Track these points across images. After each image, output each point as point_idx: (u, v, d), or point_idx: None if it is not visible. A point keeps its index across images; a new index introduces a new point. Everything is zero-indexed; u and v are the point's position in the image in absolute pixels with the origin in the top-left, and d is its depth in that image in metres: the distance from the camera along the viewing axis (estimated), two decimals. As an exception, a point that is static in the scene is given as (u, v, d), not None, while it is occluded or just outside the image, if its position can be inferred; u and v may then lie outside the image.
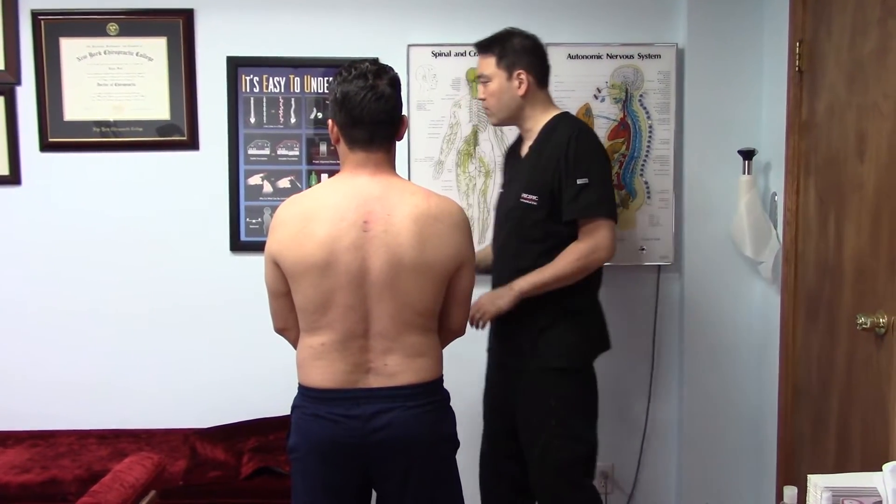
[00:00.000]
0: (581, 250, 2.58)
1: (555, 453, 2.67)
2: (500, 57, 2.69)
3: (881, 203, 2.39)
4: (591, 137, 2.69)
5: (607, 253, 2.60)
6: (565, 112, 2.76)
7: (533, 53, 2.70)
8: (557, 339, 2.65)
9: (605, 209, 2.59)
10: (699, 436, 3.28)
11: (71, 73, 3.20)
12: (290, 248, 2.09)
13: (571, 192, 2.57)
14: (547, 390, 2.66)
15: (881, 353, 2.37)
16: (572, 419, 2.66)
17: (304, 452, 2.15)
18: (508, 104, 2.70)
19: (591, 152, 2.62)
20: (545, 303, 2.63)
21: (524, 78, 2.67)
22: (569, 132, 2.63)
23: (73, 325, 3.28)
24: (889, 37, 2.35)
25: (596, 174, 2.59)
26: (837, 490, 1.96)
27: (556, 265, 2.59)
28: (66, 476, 2.82)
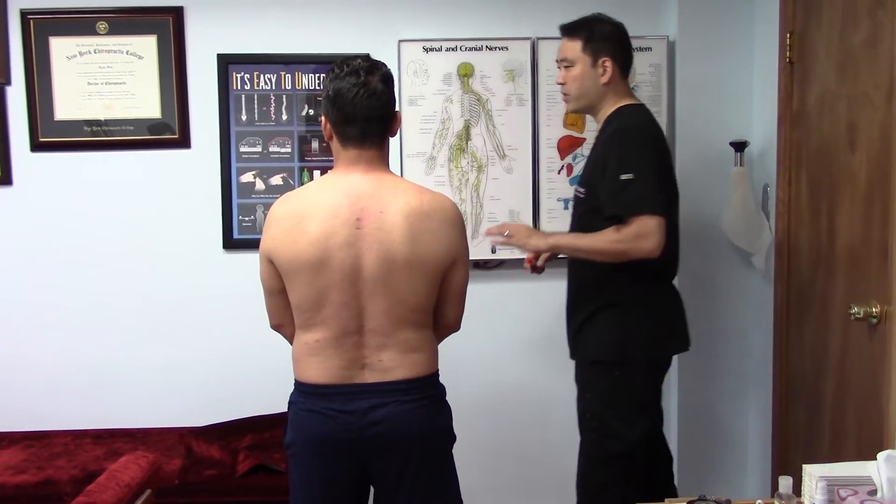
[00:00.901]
0: (625, 233, 2.47)
1: (588, 447, 2.67)
2: (586, 41, 2.62)
3: (873, 193, 2.39)
4: (642, 131, 2.57)
5: (652, 246, 2.46)
6: (630, 104, 2.66)
7: (619, 42, 2.64)
8: (593, 332, 2.63)
9: (651, 205, 2.47)
10: (694, 427, 3.28)
11: (61, 72, 3.19)
12: (283, 246, 2.10)
13: (615, 187, 2.49)
14: (584, 383, 2.68)
15: (874, 342, 2.38)
16: (607, 415, 2.61)
17: (300, 448, 2.16)
18: (589, 91, 2.64)
19: (639, 147, 2.52)
20: (587, 296, 2.64)
21: (609, 66, 2.61)
22: (619, 125, 2.58)
23: (67, 324, 3.27)
24: (879, 27, 2.35)
25: (641, 169, 2.48)
26: (832, 479, 1.97)
27: (596, 237, 2.52)
28: (61, 476, 2.81)
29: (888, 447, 2.23)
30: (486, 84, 3.21)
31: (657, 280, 2.63)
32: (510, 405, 3.37)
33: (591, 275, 2.63)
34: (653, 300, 2.62)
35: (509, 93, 3.22)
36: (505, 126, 3.23)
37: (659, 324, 2.64)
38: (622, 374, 2.59)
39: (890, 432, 2.27)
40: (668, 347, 2.70)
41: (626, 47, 2.68)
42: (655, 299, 2.63)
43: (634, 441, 2.62)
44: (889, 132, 2.28)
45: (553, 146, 3.24)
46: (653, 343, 2.63)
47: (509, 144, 3.23)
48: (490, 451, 3.35)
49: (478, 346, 3.26)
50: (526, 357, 3.35)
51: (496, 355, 3.35)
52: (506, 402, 3.37)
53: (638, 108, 2.66)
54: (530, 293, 3.32)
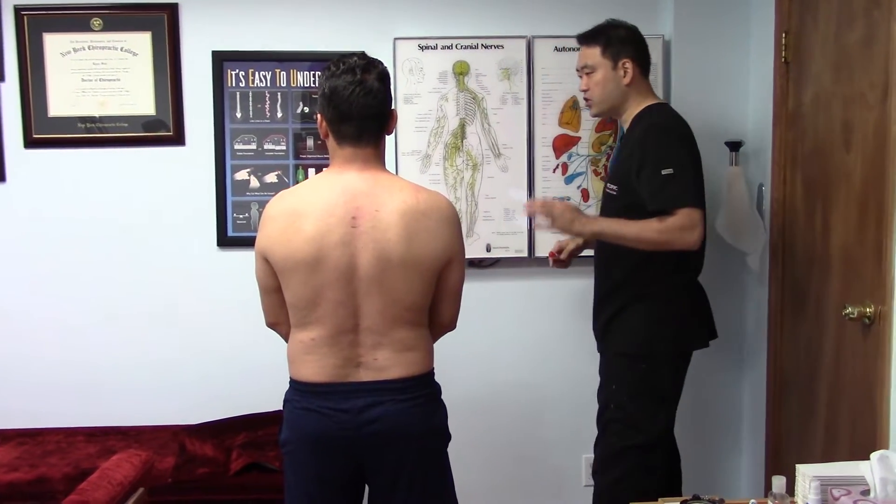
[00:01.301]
0: (670, 224, 2.50)
1: (610, 437, 2.71)
2: (605, 46, 2.69)
3: (867, 193, 2.39)
4: (675, 128, 2.63)
5: (695, 238, 2.50)
6: (659, 102, 2.73)
7: (636, 43, 2.71)
8: (623, 323, 2.68)
9: (692, 198, 2.52)
10: (688, 427, 3.28)
11: (55, 68, 3.17)
12: (279, 244, 2.09)
13: (656, 182, 2.53)
14: (610, 373, 2.72)
15: (868, 342, 2.38)
16: (631, 406, 2.66)
17: (295, 446, 2.16)
18: (612, 93, 2.70)
19: (675, 142, 2.58)
20: (618, 287, 2.68)
21: (629, 67, 2.67)
22: (651, 123, 2.63)
23: (60, 321, 3.26)
24: (875, 27, 2.35)
25: (680, 164, 2.54)
26: (826, 479, 1.97)
27: (642, 225, 2.53)
28: (54, 474, 2.81)
29: (881, 447, 2.24)
30: (482, 82, 3.20)
31: (684, 275, 2.68)
32: (505, 404, 3.37)
33: (619, 269, 2.68)
34: (680, 295, 2.67)
35: (505, 91, 3.21)
36: (500, 124, 3.22)
37: (686, 318, 2.69)
38: (648, 367, 2.64)
39: (883, 432, 2.27)
40: (694, 342, 2.74)
41: (644, 48, 2.74)
42: (683, 294, 2.68)
43: (656, 433, 2.68)
44: (884, 132, 2.28)
45: (548, 145, 3.24)
46: (680, 337, 2.68)
47: (504, 143, 3.22)
48: (485, 449, 3.34)
49: (473, 345, 3.25)
50: (521, 356, 3.35)
51: (491, 354, 3.34)
52: (501, 401, 3.36)
53: (666, 107, 2.74)
54: (526, 292, 3.32)
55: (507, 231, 3.25)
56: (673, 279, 2.65)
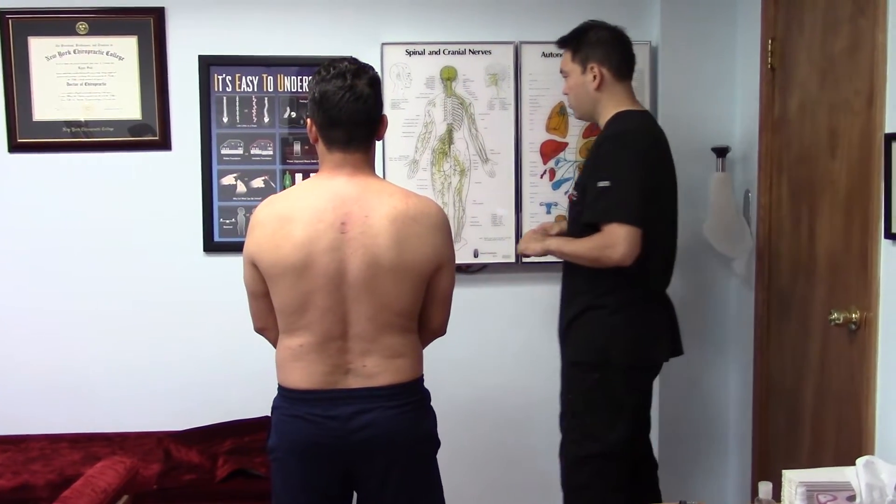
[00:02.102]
0: (596, 242, 2.51)
1: (568, 446, 2.68)
2: (574, 51, 2.67)
3: (853, 199, 2.41)
4: (628, 139, 2.55)
5: (619, 255, 2.46)
6: (629, 109, 2.64)
7: (609, 45, 2.65)
8: (577, 333, 2.64)
9: (620, 214, 2.46)
10: (675, 433, 3.29)
11: (40, 72, 3.15)
12: (267, 250, 2.08)
13: (592, 194, 2.52)
14: (566, 382, 2.69)
15: (853, 348, 2.39)
16: (588, 416, 2.62)
17: (283, 453, 2.15)
18: (583, 99, 2.68)
19: (621, 154, 2.52)
20: (576, 295, 2.65)
21: (598, 71, 2.62)
22: (608, 132, 2.59)
23: (45, 327, 3.24)
24: (860, 34, 2.37)
25: (619, 178, 2.48)
26: (812, 485, 1.98)
27: (578, 243, 2.58)
28: (37, 481, 2.78)
29: (867, 453, 2.24)
30: (469, 88, 3.21)
31: (641, 287, 2.60)
32: (493, 409, 3.36)
33: (580, 276, 2.64)
34: (637, 306, 2.60)
35: (492, 97, 3.21)
36: (488, 130, 3.22)
37: (641, 330, 2.61)
38: (602, 376, 2.59)
39: (869, 438, 2.29)
40: (651, 354, 2.67)
41: (622, 51, 2.68)
42: (640, 305, 2.61)
43: (614, 443, 2.61)
44: (869, 139, 2.29)
45: (536, 150, 3.24)
46: (633, 348, 2.60)
47: (492, 148, 3.23)
48: (473, 455, 3.34)
49: (460, 350, 3.25)
50: (509, 361, 3.34)
51: (479, 359, 3.34)
52: (489, 406, 3.36)
53: (633, 114, 2.64)
54: (513, 297, 3.32)
55: (494, 237, 3.24)
56: (629, 291, 2.58)
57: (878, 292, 2.25)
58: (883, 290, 2.24)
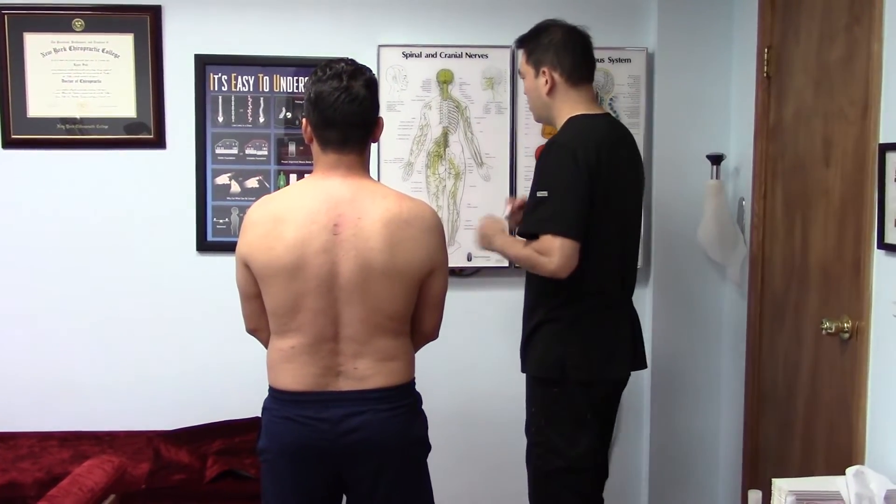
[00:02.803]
0: (535, 248, 2.43)
1: (534, 460, 2.64)
2: (528, 53, 2.61)
3: (846, 208, 2.41)
4: (569, 148, 2.43)
5: (554, 267, 2.38)
6: (580, 115, 2.54)
7: (562, 49, 2.54)
8: (535, 347, 2.57)
9: (555, 225, 2.38)
10: (667, 441, 3.29)
11: (35, 68, 3.14)
12: (259, 251, 2.07)
13: (530, 204, 2.48)
14: (529, 396, 2.63)
15: (845, 357, 2.39)
16: (549, 430, 2.56)
17: (274, 454, 2.14)
18: (536, 103, 2.63)
19: (559, 164, 2.42)
20: (533, 308, 2.59)
21: (549, 76, 2.55)
22: (551, 139, 2.51)
23: (35, 324, 3.22)
24: (855, 43, 2.37)
25: (556, 188, 2.40)
26: (802, 494, 1.98)
27: (519, 247, 2.50)
28: (25, 479, 2.77)
29: (858, 462, 2.25)
30: (465, 91, 3.20)
31: (598, 298, 2.52)
32: (485, 413, 3.36)
33: (537, 287, 2.57)
34: (593, 319, 2.51)
35: (488, 100, 3.21)
36: (483, 133, 3.22)
37: (598, 345, 2.52)
38: (561, 391, 2.52)
39: (859, 447, 2.28)
40: (608, 371, 2.56)
41: (575, 54, 2.56)
42: (596, 318, 2.52)
43: (577, 458, 2.54)
44: (863, 148, 2.30)
45: (531, 155, 3.24)
46: (590, 365, 2.51)
47: (487, 152, 3.22)
48: (465, 459, 3.33)
49: (453, 354, 3.24)
50: (502, 365, 3.32)
51: (472, 363, 3.33)
52: (481, 411, 3.35)
53: (582, 119, 2.53)
54: (506, 301, 3.30)
55: (488, 240, 3.24)
56: (585, 303, 2.49)
57: (870, 302, 2.25)
58: (875, 300, 2.24)
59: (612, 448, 2.80)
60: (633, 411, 3.34)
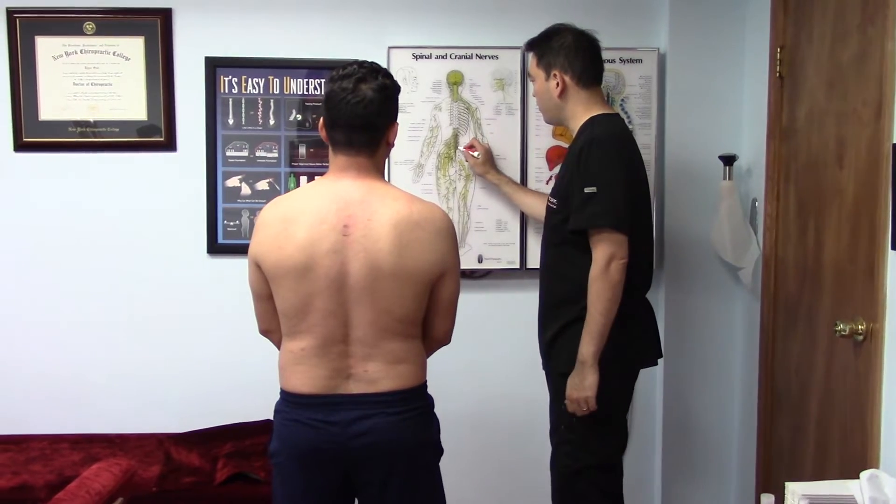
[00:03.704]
0: (596, 274, 2.46)
1: (562, 459, 2.64)
2: (539, 56, 2.66)
3: (860, 210, 2.39)
4: (608, 144, 2.52)
5: (623, 263, 2.46)
6: (604, 113, 2.62)
7: (572, 52, 2.62)
8: (565, 344, 2.59)
9: (609, 219, 2.45)
10: (680, 443, 3.27)
11: (46, 72, 3.15)
12: (270, 251, 2.08)
13: (578, 200, 2.49)
14: (559, 395, 2.63)
15: (859, 359, 2.36)
16: (581, 427, 2.58)
17: (284, 458, 2.14)
18: (548, 105, 2.69)
19: (605, 160, 2.49)
20: (561, 303, 2.61)
21: (560, 79, 2.62)
22: (590, 136, 2.54)
23: (49, 327, 3.23)
24: (868, 43, 2.35)
25: (606, 183, 2.46)
26: (815, 498, 1.96)
27: (590, 307, 2.47)
28: (36, 482, 2.78)
29: (872, 465, 2.22)
30: (476, 92, 3.19)
31: (629, 292, 2.55)
32: (497, 418, 3.34)
33: (566, 284, 2.60)
34: (624, 313, 2.54)
35: (498, 102, 3.20)
36: (494, 135, 3.21)
37: (630, 337, 2.59)
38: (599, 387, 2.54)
39: (874, 450, 2.26)
40: (639, 361, 2.69)
41: (585, 57, 2.63)
42: (626, 313, 2.55)
43: (609, 454, 2.61)
44: (877, 149, 2.27)
45: (542, 156, 3.23)
46: (624, 356, 2.58)
47: (498, 154, 3.21)
48: (477, 463, 3.32)
49: (464, 357, 3.22)
50: (514, 368, 3.32)
51: (484, 366, 3.32)
52: (493, 415, 3.34)
53: (608, 118, 2.62)
54: (518, 303, 3.29)
55: (498, 242, 3.23)
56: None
57: (885, 304, 2.22)
58: (889, 302, 2.21)
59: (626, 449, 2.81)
60: (646, 413, 3.32)
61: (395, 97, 2.17)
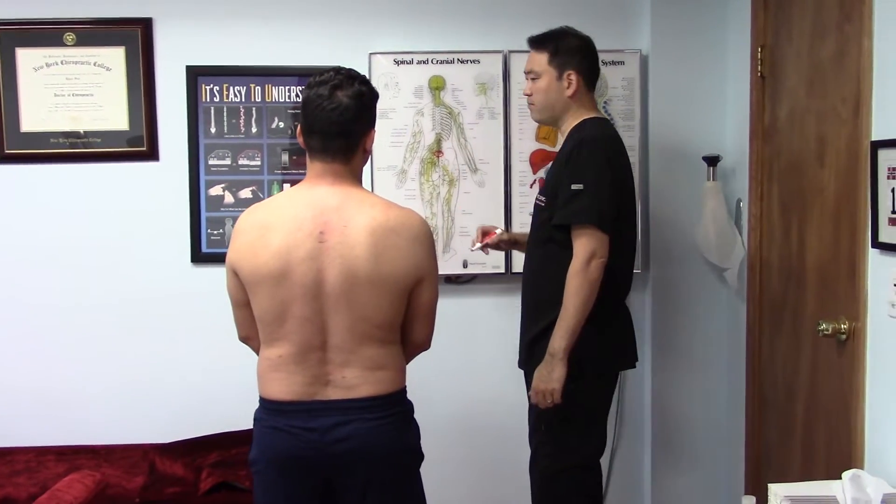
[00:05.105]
0: (575, 269, 2.48)
1: (542, 460, 2.65)
2: (552, 54, 2.65)
3: (840, 208, 2.38)
4: (601, 145, 2.57)
5: (603, 261, 2.49)
6: (594, 117, 2.67)
7: (585, 55, 2.67)
8: (546, 347, 2.58)
9: (592, 216, 2.48)
10: (669, 446, 3.25)
11: (27, 83, 3.14)
12: (246, 258, 2.07)
13: (564, 196, 2.52)
14: None
15: (843, 359, 2.35)
16: (561, 428, 2.59)
17: (263, 465, 2.13)
18: (554, 103, 2.67)
19: (594, 159, 2.53)
20: (544, 304, 2.61)
21: (574, 79, 2.63)
22: (580, 136, 2.58)
23: (31, 338, 3.22)
24: (846, 41, 2.34)
25: (593, 181, 2.50)
26: (797, 499, 1.96)
27: (566, 302, 2.48)
28: (20, 494, 2.76)
29: (857, 465, 2.21)
30: (458, 97, 3.19)
31: (610, 296, 2.57)
32: (483, 422, 3.33)
33: (548, 286, 2.59)
34: (605, 316, 2.56)
35: (481, 106, 3.19)
36: (476, 139, 3.20)
37: (613, 338, 2.63)
38: (577, 387, 2.54)
39: (858, 450, 2.25)
40: (620, 363, 2.72)
41: (593, 61, 2.70)
42: (608, 315, 2.58)
43: (590, 454, 2.64)
44: (856, 146, 2.26)
45: (525, 160, 3.22)
46: (606, 357, 2.63)
47: (481, 158, 3.20)
48: (463, 469, 3.30)
49: (450, 362, 3.22)
50: (499, 373, 3.29)
51: (469, 371, 3.31)
52: (479, 419, 3.33)
53: (601, 122, 2.68)
54: (503, 308, 3.28)
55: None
56: (600, 298, 2.53)
57: (866, 302, 2.21)
58: (870, 300, 2.20)
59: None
60: (634, 415, 3.31)
61: (372, 104, 2.16)
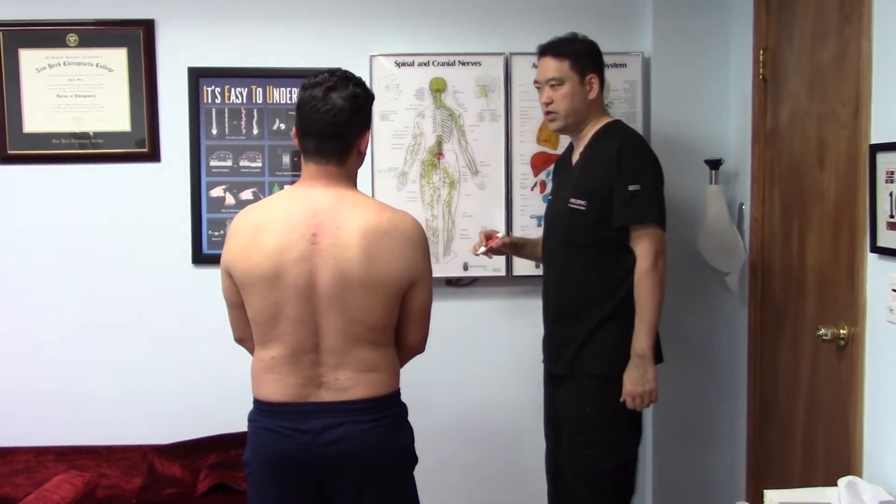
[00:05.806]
0: (646, 269, 2.55)
1: (582, 461, 2.64)
2: (574, 60, 2.68)
3: (840, 211, 2.35)
4: (643, 144, 2.69)
5: (664, 256, 2.59)
6: (617, 119, 2.78)
7: (599, 58, 2.73)
8: (600, 345, 2.62)
9: (655, 215, 2.58)
10: (670, 452, 3.22)
11: (30, 84, 3.15)
12: (239, 259, 2.07)
13: (623, 197, 2.56)
14: (585, 397, 2.64)
15: (842, 364, 2.33)
16: (608, 429, 2.62)
17: (257, 466, 2.13)
18: (578, 108, 2.69)
19: (644, 159, 2.62)
20: (588, 309, 2.63)
21: (595, 82, 2.69)
22: (621, 138, 2.64)
23: (33, 338, 3.23)
24: (846, 43, 2.32)
25: (647, 181, 2.58)
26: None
27: (643, 302, 2.55)
28: (18, 494, 2.76)
29: (856, 471, 2.19)
30: (459, 99, 3.18)
31: None
32: (483, 426, 3.31)
33: (593, 286, 2.64)
34: None
35: (482, 108, 3.18)
36: (477, 142, 3.19)
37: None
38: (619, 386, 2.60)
39: (857, 456, 2.22)
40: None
41: (603, 64, 2.76)
42: None
43: (633, 453, 2.68)
44: (855, 150, 2.24)
45: (526, 162, 3.21)
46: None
47: (482, 160, 3.19)
48: (462, 473, 3.28)
49: (450, 366, 3.21)
50: (499, 376, 3.30)
51: (469, 374, 3.29)
52: (479, 423, 3.31)
53: (623, 124, 2.76)
54: (504, 311, 3.28)
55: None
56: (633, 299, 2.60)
57: (865, 307, 2.19)
58: (869, 305, 2.18)
59: None
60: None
61: (367, 106, 2.15)
